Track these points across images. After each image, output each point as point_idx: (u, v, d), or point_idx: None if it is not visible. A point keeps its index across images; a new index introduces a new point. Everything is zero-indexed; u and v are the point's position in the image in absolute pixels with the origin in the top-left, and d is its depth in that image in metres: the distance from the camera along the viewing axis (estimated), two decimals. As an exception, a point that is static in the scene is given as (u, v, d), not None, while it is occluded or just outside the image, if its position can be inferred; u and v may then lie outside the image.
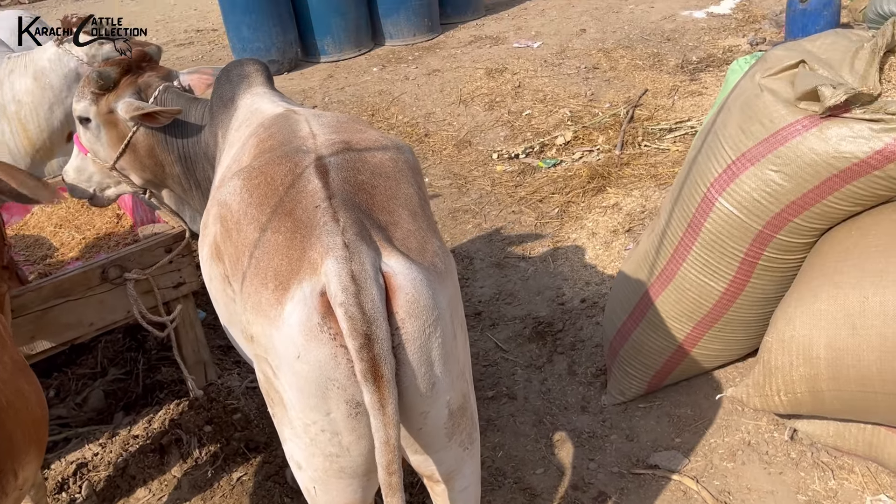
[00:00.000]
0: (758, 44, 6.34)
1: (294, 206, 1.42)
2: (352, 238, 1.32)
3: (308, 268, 1.32)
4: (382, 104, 6.19)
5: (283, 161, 1.52)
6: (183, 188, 2.42)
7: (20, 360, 1.54)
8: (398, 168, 1.56)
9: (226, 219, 1.55)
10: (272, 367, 1.41)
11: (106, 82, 2.34)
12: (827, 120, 2.02)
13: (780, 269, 2.27)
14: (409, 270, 1.34)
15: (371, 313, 1.26)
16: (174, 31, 9.91)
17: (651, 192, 4.27)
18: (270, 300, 1.35)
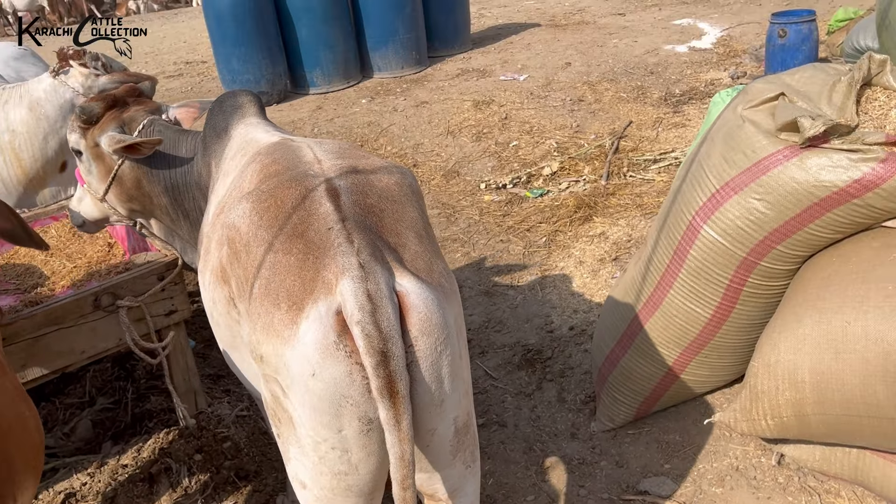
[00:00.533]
0: (738, 77, 6.49)
1: (306, 228, 1.45)
2: (366, 259, 1.35)
3: (323, 288, 1.35)
4: (371, 135, 6.26)
5: (293, 185, 1.56)
6: (171, 218, 2.44)
7: (19, 386, 1.55)
8: (403, 192, 1.60)
9: (234, 241, 1.58)
10: (282, 386, 1.42)
11: (89, 117, 2.37)
12: (807, 150, 2.08)
13: (764, 295, 2.32)
14: (420, 290, 1.38)
15: (387, 331, 1.30)
16: (163, 63, 10.00)
17: (637, 221, 4.34)
18: (284, 320, 1.38)
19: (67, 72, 3.16)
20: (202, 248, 1.90)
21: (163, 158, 2.34)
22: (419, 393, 1.38)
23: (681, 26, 8.63)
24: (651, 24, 8.92)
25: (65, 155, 3.31)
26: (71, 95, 3.16)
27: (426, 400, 1.39)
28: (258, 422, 2.92)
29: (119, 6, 17.58)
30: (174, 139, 2.34)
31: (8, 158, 3.23)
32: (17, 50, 4.08)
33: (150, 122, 2.38)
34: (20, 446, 1.42)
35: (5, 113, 3.21)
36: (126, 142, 2.29)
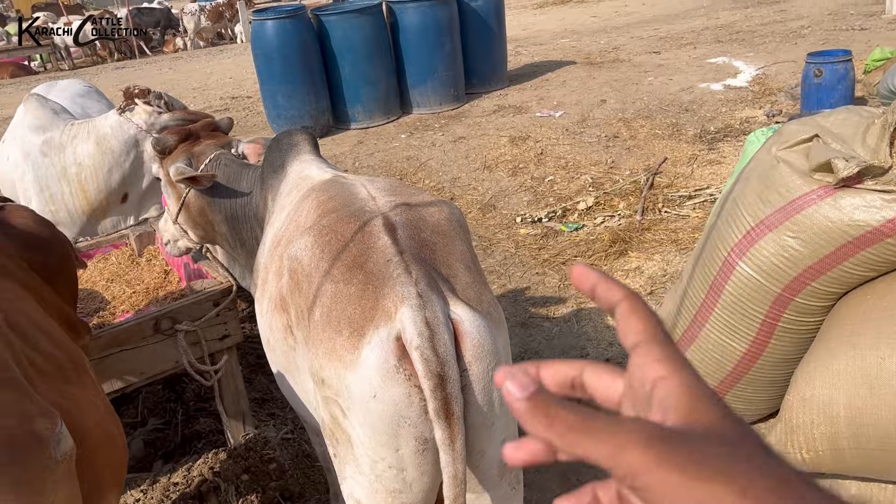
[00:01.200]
0: (774, 115, 6.54)
1: (365, 260, 1.56)
2: (424, 288, 1.46)
3: (383, 315, 1.46)
4: (410, 169, 6.42)
5: (352, 220, 1.67)
6: (231, 245, 2.60)
7: (109, 404, 1.63)
8: (452, 226, 1.71)
9: (296, 272, 1.69)
10: (342, 407, 1.52)
11: (163, 148, 2.58)
12: (840, 190, 2.15)
13: (799, 330, 2.38)
14: (473, 318, 1.48)
15: (444, 356, 1.40)
16: (210, 98, 10.35)
17: (672, 256, 4.40)
18: (346, 345, 1.48)
19: (132, 109, 3.36)
20: (259, 279, 2.02)
21: (225, 190, 2.50)
22: (472, 415, 1.46)
23: (716, 64, 8.71)
24: (686, 62, 9.03)
25: (126, 187, 3.50)
26: (135, 132, 3.36)
27: (478, 422, 1.48)
28: (302, 445, 3.02)
29: (167, 43, 18.26)
30: (236, 173, 2.49)
31: (74, 189, 3.43)
32: (83, 87, 4.33)
33: (216, 156, 2.55)
34: (108, 464, 1.49)
35: (73, 147, 3.42)
36: (185, 174, 2.47)
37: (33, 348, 1.50)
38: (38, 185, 3.51)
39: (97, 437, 1.46)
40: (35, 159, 3.51)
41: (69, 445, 1.18)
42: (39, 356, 1.50)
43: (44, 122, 3.54)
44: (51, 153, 3.49)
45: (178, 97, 10.48)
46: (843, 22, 10.19)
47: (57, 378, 1.50)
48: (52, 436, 1.14)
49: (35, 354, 1.49)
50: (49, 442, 1.12)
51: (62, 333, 1.73)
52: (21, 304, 1.63)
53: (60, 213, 3.53)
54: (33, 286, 1.78)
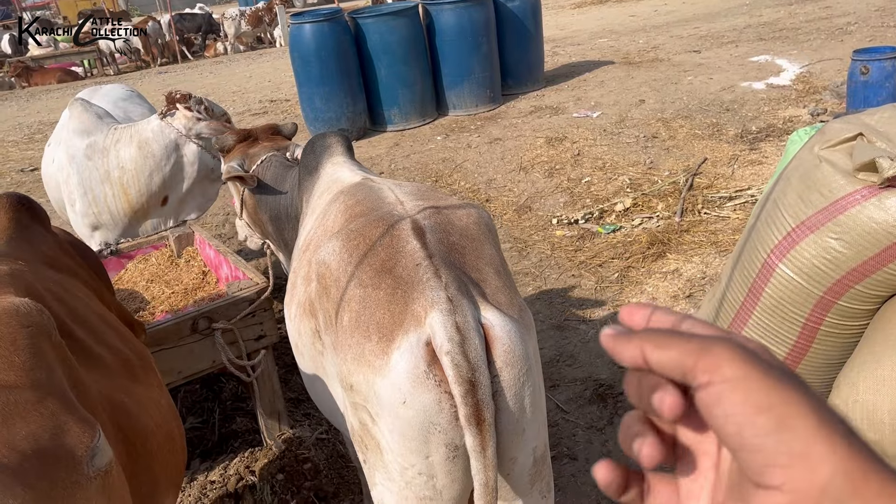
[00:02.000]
0: (819, 114, 6.39)
1: (394, 264, 1.55)
2: (454, 293, 1.44)
3: (412, 320, 1.44)
4: (446, 171, 6.43)
5: (380, 224, 1.67)
6: (277, 245, 2.68)
7: (172, 404, 1.62)
8: (480, 230, 1.70)
9: (324, 277, 1.68)
10: (371, 413, 1.51)
11: (221, 147, 2.73)
12: (885, 190, 2.09)
13: (842, 334, 2.31)
14: (504, 323, 1.46)
15: (475, 361, 1.38)
16: (249, 102, 10.50)
17: (711, 258, 4.32)
18: (375, 350, 1.47)
19: (173, 114, 3.43)
20: (289, 283, 2.04)
21: (271, 191, 2.56)
22: (503, 421, 1.44)
23: (758, 63, 8.54)
24: (727, 60, 8.87)
25: (166, 190, 3.57)
26: (175, 136, 3.43)
27: (509, 429, 1.46)
28: (337, 445, 3.04)
29: (208, 48, 18.59)
30: (281, 175, 2.54)
31: (117, 192, 3.51)
32: (125, 91, 4.43)
33: (269, 157, 2.63)
34: (166, 465, 1.47)
35: (117, 151, 3.50)
36: (231, 174, 2.58)
37: (101, 343, 1.49)
38: (83, 188, 3.60)
39: (159, 438, 1.44)
40: (80, 162, 3.60)
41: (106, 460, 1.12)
42: (108, 351, 1.49)
43: (88, 126, 3.62)
44: (94, 157, 3.57)
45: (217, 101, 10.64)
46: (891, 18, 9.90)
47: (123, 375, 1.50)
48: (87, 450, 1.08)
49: (103, 349, 1.48)
50: (83, 457, 1.07)
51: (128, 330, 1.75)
52: (89, 301, 1.65)
53: (103, 215, 3.62)
54: (95, 286, 1.81)
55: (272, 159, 2.61)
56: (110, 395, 1.34)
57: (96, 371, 1.36)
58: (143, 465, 1.35)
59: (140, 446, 1.35)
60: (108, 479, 1.12)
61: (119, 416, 1.33)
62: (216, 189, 3.83)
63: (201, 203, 3.81)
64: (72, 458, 1.05)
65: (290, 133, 2.87)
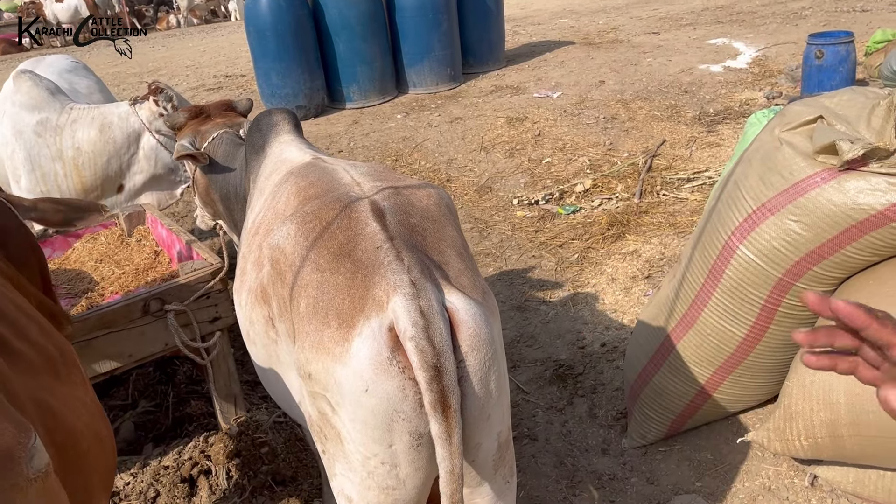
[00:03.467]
0: (774, 98, 6.48)
1: (353, 247, 1.49)
2: (417, 276, 1.40)
3: (374, 305, 1.39)
4: (406, 150, 6.35)
5: (337, 206, 1.60)
6: (229, 225, 2.60)
7: (99, 403, 1.53)
8: (441, 211, 1.65)
9: (278, 261, 1.62)
10: (331, 402, 1.46)
11: (173, 125, 2.69)
12: (845, 173, 2.10)
13: (800, 315, 2.34)
14: (469, 306, 1.42)
15: (440, 346, 1.34)
16: (203, 77, 10.23)
17: (670, 239, 4.36)
18: (334, 337, 1.42)
19: (142, 104, 3.35)
20: (238, 269, 1.95)
21: (221, 170, 2.48)
22: (468, 407, 1.41)
23: (716, 46, 8.62)
24: (686, 43, 8.93)
25: (122, 179, 3.49)
26: (138, 126, 3.35)
27: (475, 414, 1.43)
28: (295, 428, 2.99)
29: (160, 20, 18.04)
30: (232, 153, 2.46)
31: (69, 171, 3.39)
32: (70, 63, 4.25)
33: (220, 135, 2.56)
34: (97, 468, 1.40)
35: (73, 131, 3.40)
36: (181, 153, 2.51)
37: (24, 339, 1.39)
38: (30, 164, 3.46)
39: (88, 439, 1.36)
40: (28, 138, 3.46)
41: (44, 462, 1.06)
42: (31, 348, 1.39)
43: (38, 101, 3.48)
44: (46, 134, 3.44)
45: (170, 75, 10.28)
46: (844, 3, 10.09)
47: (47, 373, 1.40)
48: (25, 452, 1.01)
49: (25, 346, 1.37)
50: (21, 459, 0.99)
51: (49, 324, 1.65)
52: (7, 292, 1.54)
53: (52, 193, 3.48)
54: (10, 275, 1.69)
55: (223, 136, 2.53)
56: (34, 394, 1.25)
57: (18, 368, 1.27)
58: (74, 469, 1.26)
59: (70, 449, 1.27)
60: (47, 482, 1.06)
61: (45, 417, 1.24)
62: (181, 190, 3.74)
63: (161, 199, 3.72)
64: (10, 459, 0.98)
65: (244, 109, 2.77)
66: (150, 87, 3.38)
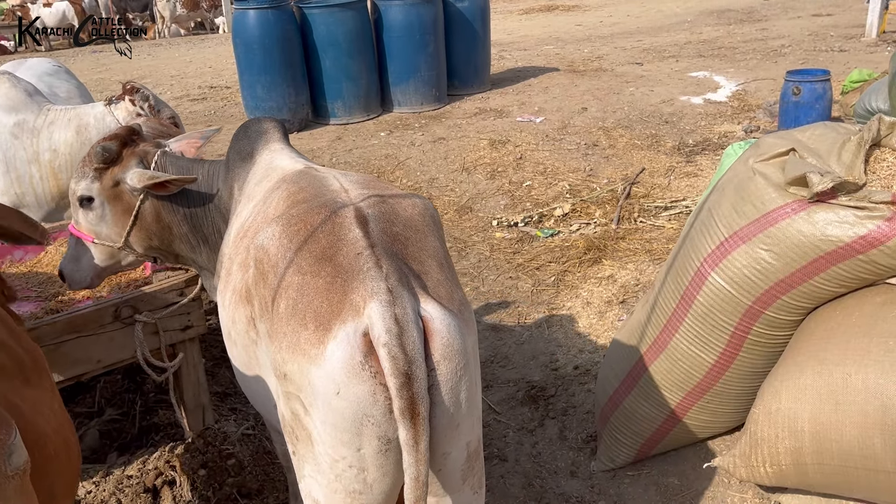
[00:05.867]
0: (752, 131, 6.60)
1: (335, 252, 1.51)
2: (394, 284, 1.42)
3: (350, 310, 1.41)
4: (388, 167, 6.37)
5: (322, 210, 1.62)
6: (191, 245, 2.42)
7: (65, 410, 1.52)
8: (425, 222, 1.68)
9: (262, 262, 1.63)
10: (304, 404, 1.47)
11: (109, 155, 2.33)
12: (814, 205, 2.15)
13: (768, 343, 2.37)
14: (443, 316, 1.44)
15: (412, 354, 1.36)
16: (188, 87, 10.21)
17: (645, 266, 4.40)
18: (310, 339, 1.43)
19: (118, 104, 3.31)
20: (223, 270, 1.95)
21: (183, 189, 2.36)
22: (437, 416, 1.42)
23: (697, 78, 8.77)
24: (668, 74, 9.08)
25: None
26: (115, 126, 3.29)
27: (444, 423, 1.44)
28: (263, 441, 2.96)
29: (148, 30, 18.00)
30: (187, 167, 2.37)
31: (45, 174, 3.35)
32: (51, 66, 4.22)
33: (161, 153, 2.38)
34: (62, 473, 1.39)
35: (50, 133, 3.35)
36: (159, 178, 2.26)
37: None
38: (5, 166, 3.42)
39: (55, 444, 1.35)
40: (4, 140, 3.42)
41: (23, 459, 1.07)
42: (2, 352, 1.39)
43: (16, 103, 3.45)
44: (23, 136, 3.40)
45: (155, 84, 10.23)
46: (822, 43, 10.32)
47: (17, 377, 1.39)
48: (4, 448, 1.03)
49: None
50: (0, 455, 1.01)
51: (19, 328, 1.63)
52: None
53: (27, 196, 3.44)
54: None
55: (166, 155, 2.39)
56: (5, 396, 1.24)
57: None
58: (39, 474, 1.25)
59: (37, 453, 1.25)
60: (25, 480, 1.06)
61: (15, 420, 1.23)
62: None
63: None
64: None
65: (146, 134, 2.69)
66: (126, 86, 3.34)
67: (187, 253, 2.47)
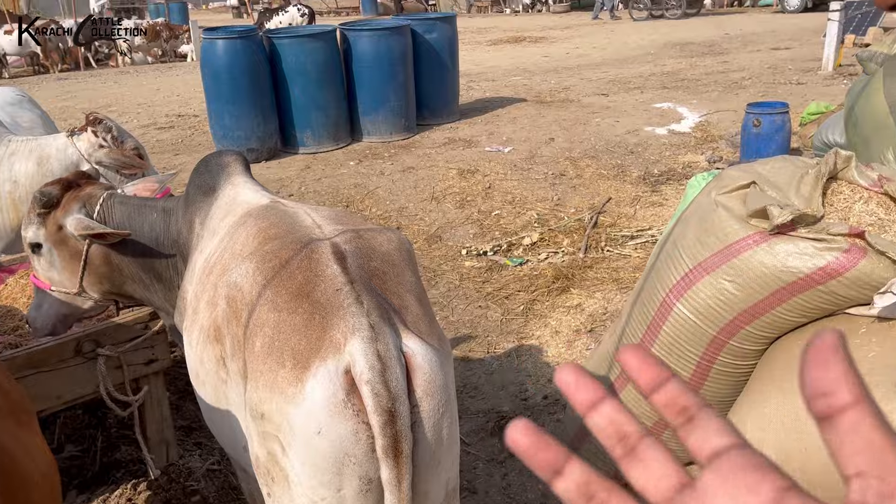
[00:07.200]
0: (715, 161, 6.74)
1: (312, 288, 1.49)
2: (376, 320, 1.41)
3: (331, 347, 1.39)
4: (357, 196, 6.38)
5: (297, 247, 1.61)
6: (144, 285, 2.35)
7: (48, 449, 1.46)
8: (402, 256, 1.67)
9: (235, 300, 1.60)
10: (283, 443, 1.44)
11: (49, 200, 2.28)
12: (775, 237, 2.20)
13: (733, 373, 2.40)
14: (426, 352, 1.43)
15: (395, 391, 1.34)
16: (155, 115, 10.14)
17: (613, 294, 4.44)
18: (289, 378, 1.41)
19: (80, 135, 3.27)
20: (188, 308, 1.91)
21: (131, 226, 2.29)
22: (419, 453, 1.41)
23: (661, 109, 8.96)
24: (633, 105, 9.26)
25: None
26: (77, 158, 3.25)
27: (426, 461, 1.43)
28: (228, 477, 2.90)
29: (112, 57, 17.87)
30: (138, 207, 2.30)
31: (5, 206, 3.29)
32: (14, 95, 4.17)
33: (108, 195, 2.32)
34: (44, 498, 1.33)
35: (10, 164, 3.29)
36: (94, 230, 2.20)
37: None
38: (-35, 197, 3.34)
39: (43, 490, 1.31)
40: None
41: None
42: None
43: None
44: None
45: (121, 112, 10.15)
46: (781, 76, 10.64)
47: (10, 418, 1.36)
48: None
49: None
50: None
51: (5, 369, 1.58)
52: None
53: (-14, 226, 3.37)
54: None
55: (113, 197, 2.33)
56: None
57: None
58: None
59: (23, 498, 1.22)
60: None
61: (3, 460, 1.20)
62: None
63: None
64: None
65: (97, 177, 2.65)
66: (88, 117, 3.30)
67: (141, 293, 2.39)
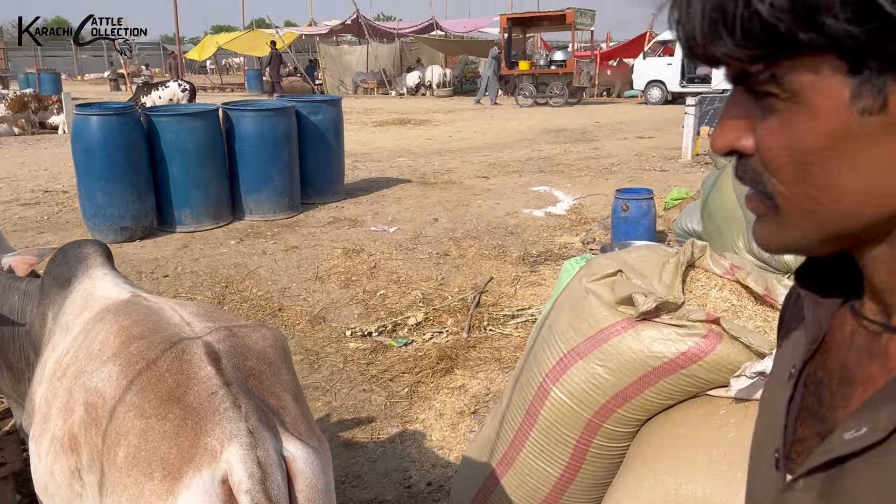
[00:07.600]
0: (588, 243, 7.09)
1: (184, 392, 1.42)
2: (255, 424, 1.35)
3: (205, 455, 1.32)
4: (237, 277, 6.21)
5: (167, 347, 1.53)
6: None
7: None
8: (278, 354, 1.63)
9: (95, 406, 1.50)
10: None
11: None
12: (641, 323, 2.32)
13: (608, 455, 2.48)
14: (307, 455, 1.39)
15: (276, 499, 1.29)
16: (19, 190, 9.57)
17: (495, 374, 4.51)
18: (157, 490, 1.32)
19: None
20: (37, 413, 1.78)
21: None
22: None
23: (538, 192, 9.39)
24: (512, 188, 9.65)
25: None
26: None
27: None
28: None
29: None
30: (5, 284, 2.21)
31: None
32: None
33: None
34: None
35: None
36: None
37: None
38: None
39: None
40: None
41: None
42: None
43: None
44: None
45: None
46: (646, 162, 11.45)
47: None
48: None
49: None
50: None
51: None
52: None
53: None
54: None
55: None
56: None
57: None
58: None
59: None
60: None
61: None
62: None
63: None
64: None
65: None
66: None
67: None
